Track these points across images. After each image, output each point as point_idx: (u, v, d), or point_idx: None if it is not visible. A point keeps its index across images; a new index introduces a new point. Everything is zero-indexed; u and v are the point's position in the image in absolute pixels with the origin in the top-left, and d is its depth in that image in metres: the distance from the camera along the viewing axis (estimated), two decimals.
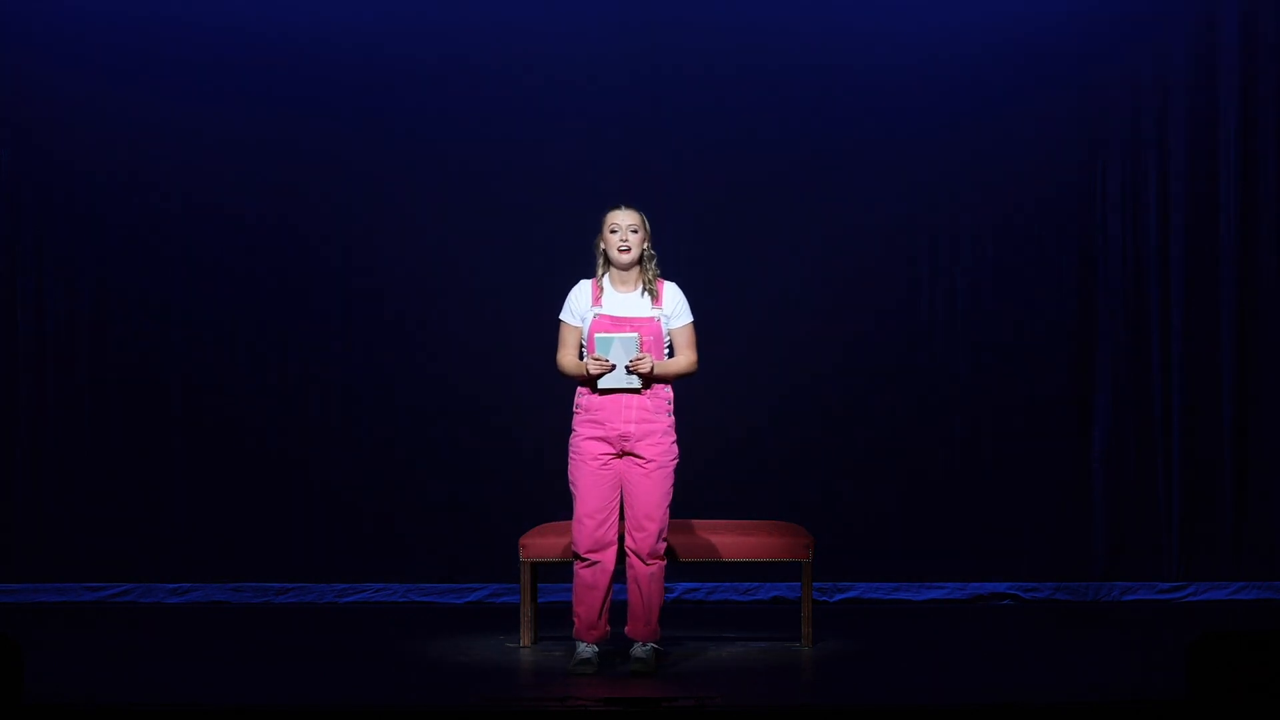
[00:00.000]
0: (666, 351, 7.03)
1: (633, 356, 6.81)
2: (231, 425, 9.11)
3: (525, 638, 7.56)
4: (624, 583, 6.98)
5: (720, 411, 9.00)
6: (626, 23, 9.19)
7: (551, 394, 8.49)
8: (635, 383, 6.85)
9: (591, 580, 6.88)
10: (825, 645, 7.56)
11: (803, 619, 7.52)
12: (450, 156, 9.18)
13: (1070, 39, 9.18)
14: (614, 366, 6.83)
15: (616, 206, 7.04)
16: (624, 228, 6.96)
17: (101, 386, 9.11)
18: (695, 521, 7.65)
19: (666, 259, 9.01)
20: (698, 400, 8.60)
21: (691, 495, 7.53)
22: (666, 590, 8.92)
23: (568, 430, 7.20)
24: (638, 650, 6.92)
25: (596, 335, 6.89)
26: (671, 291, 7.04)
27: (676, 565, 7.38)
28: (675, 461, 6.96)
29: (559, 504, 7.92)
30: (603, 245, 7.02)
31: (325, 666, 7.16)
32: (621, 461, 6.92)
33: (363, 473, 9.13)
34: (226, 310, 9.14)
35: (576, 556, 6.91)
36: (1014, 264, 9.19)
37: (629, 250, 6.96)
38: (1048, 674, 6.87)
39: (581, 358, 6.97)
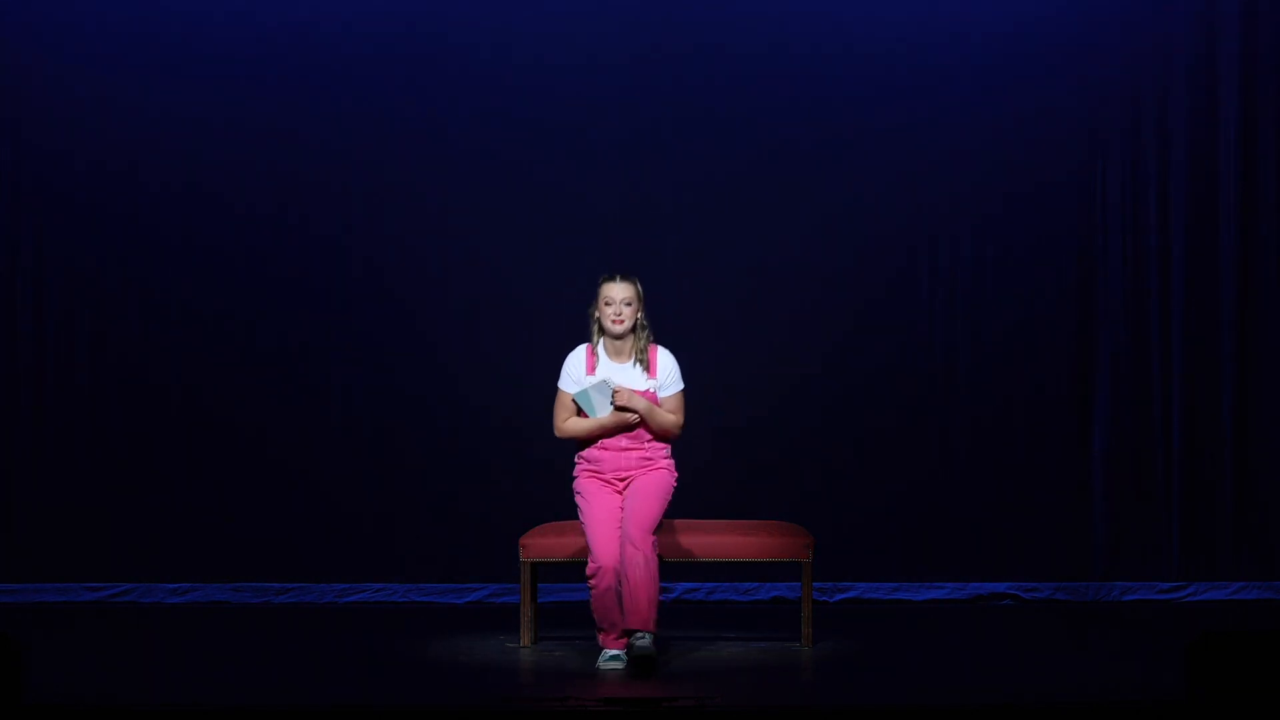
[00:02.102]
0: None
1: (609, 397, 7.11)
2: (232, 425, 9.11)
3: (525, 638, 7.56)
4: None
5: (720, 411, 8.99)
6: (631, 21, 9.18)
7: (552, 395, 8.49)
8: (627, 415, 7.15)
9: (611, 601, 7.00)
10: (825, 645, 7.56)
11: (803, 619, 7.52)
12: (457, 153, 9.17)
13: (1070, 38, 9.17)
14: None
15: (611, 278, 7.22)
16: (618, 301, 7.18)
17: (101, 386, 9.11)
18: (696, 521, 7.65)
19: (667, 260, 9.06)
20: (698, 400, 8.60)
21: (692, 495, 7.53)
22: (666, 590, 8.96)
23: None
24: (637, 640, 6.96)
25: (574, 396, 7.18)
26: (664, 359, 7.28)
27: (677, 565, 7.39)
28: (673, 485, 7.26)
29: (559, 504, 7.92)
30: (597, 314, 7.23)
31: (325, 666, 7.16)
32: (621, 492, 7.20)
33: (363, 473, 9.12)
34: (226, 310, 9.13)
35: (591, 581, 7.02)
36: (1014, 264, 9.19)
37: (622, 323, 7.18)
38: (1048, 674, 6.87)
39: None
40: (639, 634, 6.94)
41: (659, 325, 7.39)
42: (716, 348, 9.07)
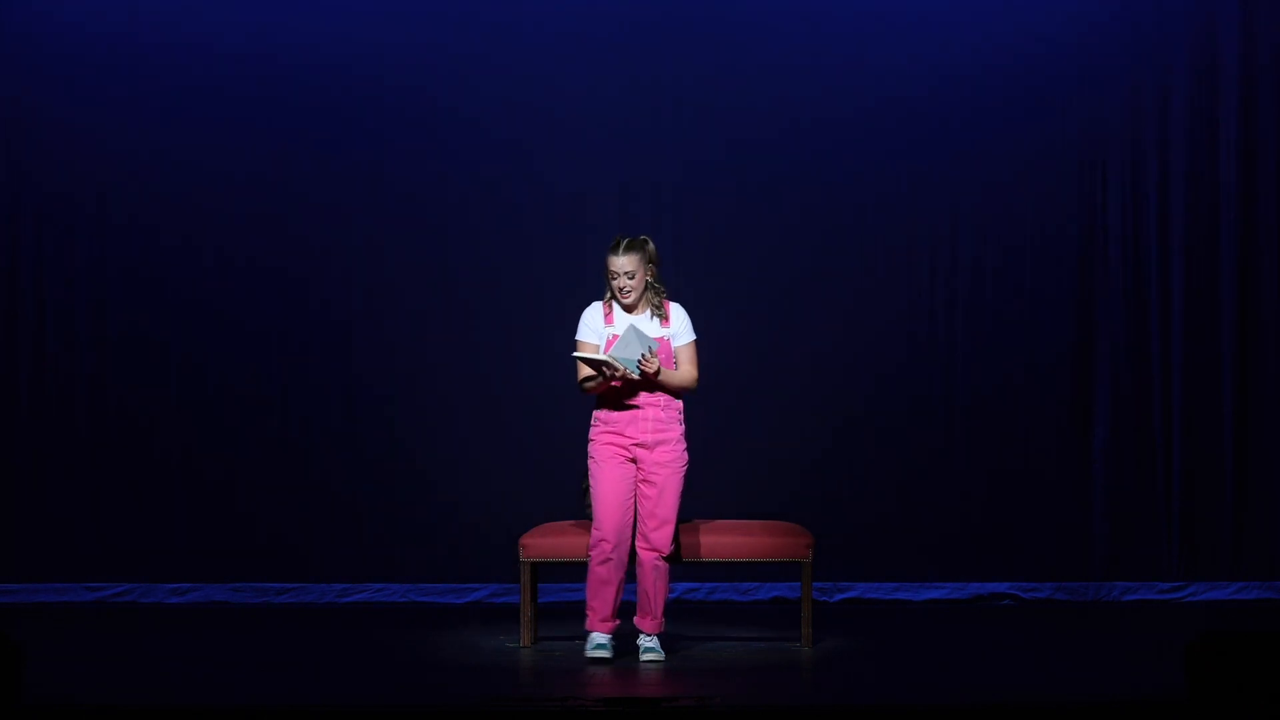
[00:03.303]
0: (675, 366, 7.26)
1: (644, 351, 6.97)
2: (231, 425, 9.11)
3: (525, 638, 7.56)
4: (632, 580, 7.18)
5: (721, 412, 9.00)
6: (637, 21, 9.19)
7: (552, 394, 8.52)
8: (634, 371, 7.00)
9: (608, 575, 7.08)
10: (825, 645, 7.56)
11: (803, 619, 7.51)
12: (457, 150, 9.17)
13: (1071, 50, 9.18)
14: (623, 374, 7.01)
15: (615, 249, 7.12)
16: (621, 274, 7.12)
17: (101, 386, 9.11)
18: (695, 521, 7.65)
19: (666, 260, 9.05)
20: (698, 401, 8.58)
21: (692, 495, 7.52)
22: (668, 590, 8.96)
23: (568, 430, 7.25)
24: (646, 641, 7.14)
25: (612, 356, 7.01)
26: (677, 311, 7.26)
27: (677, 565, 7.39)
28: (686, 467, 7.25)
29: (559, 504, 7.93)
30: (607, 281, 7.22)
31: (325, 666, 7.16)
32: (636, 468, 7.16)
33: (363, 473, 9.12)
34: (226, 305, 9.13)
35: (591, 553, 7.08)
36: (1014, 264, 9.20)
37: (629, 295, 7.14)
38: (1048, 674, 6.87)
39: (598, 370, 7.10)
40: (648, 636, 7.15)
41: None
42: (716, 348, 9.04)
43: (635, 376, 7.02)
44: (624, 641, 7.18)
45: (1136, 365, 9.18)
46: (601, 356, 7.02)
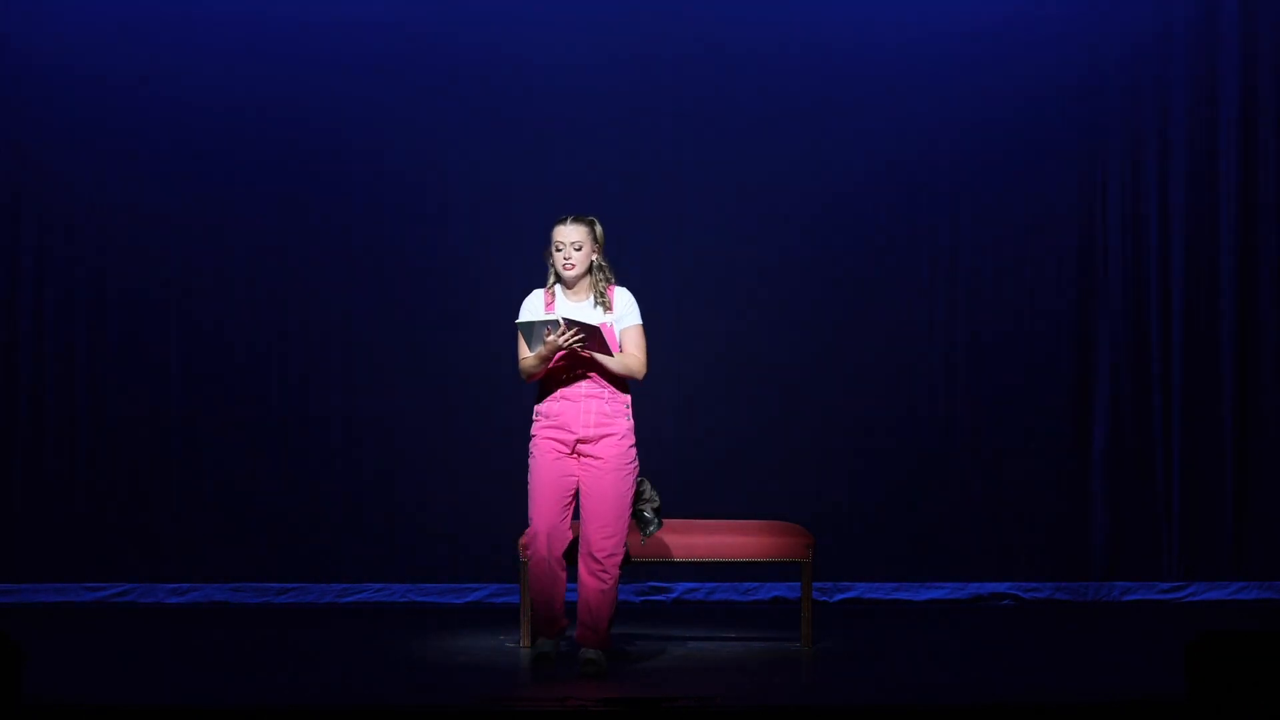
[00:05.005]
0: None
1: (548, 327, 6.73)
2: (231, 425, 9.10)
3: (525, 638, 7.55)
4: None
5: (721, 412, 9.00)
6: (629, 18, 9.18)
7: None
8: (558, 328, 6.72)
9: (544, 574, 6.88)
10: (825, 645, 7.56)
11: (802, 619, 7.52)
12: (455, 156, 9.17)
13: (1073, 39, 9.19)
14: (565, 332, 6.73)
15: (563, 220, 6.93)
16: (568, 245, 6.88)
17: (100, 386, 9.10)
18: (695, 521, 7.65)
19: (665, 259, 9.07)
20: (698, 400, 8.60)
21: (692, 495, 7.53)
22: (666, 590, 8.95)
23: None
24: (588, 652, 6.87)
25: (518, 324, 6.82)
26: (621, 295, 6.97)
27: (677, 565, 7.38)
28: (633, 466, 6.90)
29: None
30: (550, 260, 6.97)
31: (325, 666, 7.16)
32: (578, 464, 6.89)
33: (363, 473, 9.12)
34: (225, 306, 9.13)
35: (527, 553, 6.94)
36: (1014, 264, 9.20)
37: (573, 267, 6.89)
38: (1048, 674, 6.88)
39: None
40: (589, 649, 6.88)
41: (658, 324, 7.38)
42: (716, 348, 9.07)
43: (571, 343, 6.69)
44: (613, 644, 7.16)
45: (1136, 365, 9.18)
46: (542, 318, 6.73)
